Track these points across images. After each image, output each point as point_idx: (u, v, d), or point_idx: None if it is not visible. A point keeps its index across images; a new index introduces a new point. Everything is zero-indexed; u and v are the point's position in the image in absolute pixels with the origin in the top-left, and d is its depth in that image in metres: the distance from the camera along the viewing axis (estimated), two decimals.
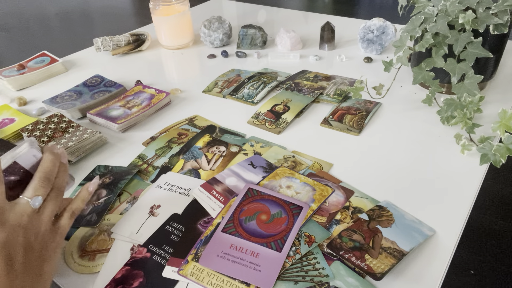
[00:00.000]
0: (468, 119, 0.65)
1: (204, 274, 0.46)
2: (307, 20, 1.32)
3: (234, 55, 1.06)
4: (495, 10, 0.66)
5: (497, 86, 0.85)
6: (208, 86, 0.90)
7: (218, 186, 0.58)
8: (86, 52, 1.14)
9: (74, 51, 1.14)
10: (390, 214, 0.53)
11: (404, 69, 0.87)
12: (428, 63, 0.72)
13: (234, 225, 0.51)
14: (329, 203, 0.55)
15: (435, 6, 0.71)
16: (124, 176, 0.61)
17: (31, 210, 0.42)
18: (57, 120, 0.74)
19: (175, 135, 0.72)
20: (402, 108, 0.78)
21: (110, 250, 0.50)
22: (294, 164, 0.63)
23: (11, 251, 0.38)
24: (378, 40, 0.99)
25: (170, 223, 0.53)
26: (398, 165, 0.63)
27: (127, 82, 0.92)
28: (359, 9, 3.85)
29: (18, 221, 0.40)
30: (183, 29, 1.11)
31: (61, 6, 4.36)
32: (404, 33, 0.74)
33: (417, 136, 0.70)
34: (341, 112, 0.77)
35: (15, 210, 0.41)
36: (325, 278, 0.45)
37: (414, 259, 0.47)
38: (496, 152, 0.58)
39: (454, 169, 0.61)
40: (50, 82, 0.97)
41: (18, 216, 0.41)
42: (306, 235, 0.50)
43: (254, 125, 0.75)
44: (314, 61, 1.00)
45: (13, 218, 0.40)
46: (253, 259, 0.47)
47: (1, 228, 0.39)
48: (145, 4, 1.37)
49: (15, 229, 0.40)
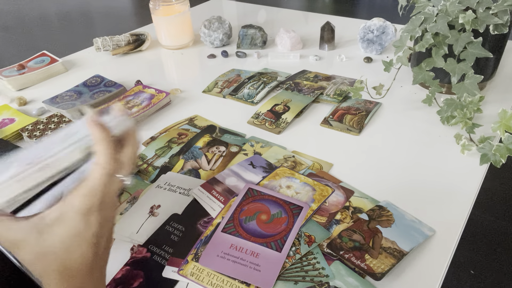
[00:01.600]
0: (468, 119, 0.65)
1: (204, 274, 0.46)
2: (307, 20, 1.32)
3: (234, 55, 1.06)
4: (495, 10, 0.66)
5: (497, 86, 0.85)
6: (208, 86, 0.90)
7: (218, 186, 0.58)
8: (86, 52, 1.14)
9: (74, 51, 1.14)
10: (390, 214, 0.53)
11: (404, 69, 0.87)
12: (428, 63, 0.72)
13: (234, 225, 0.51)
14: (329, 203, 0.55)
15: (435, 6, 0.71)
16: None
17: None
18: (57, 120, 0.74)
19: (175, 135, 0.72)
20: (402, 108, 0.78)
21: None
22: (294, 164, 0.63)
23: (102, 236, 0.36)
24: (378, 40, 0.99)
25: (170, 223, 0.53)
26: (398, 165, 0.63)
27: (127, 82, 0.92)
28: (359, 9, 3.85)
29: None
30: (183, 29, 1.11)
31: (61, 6, 4.36)
32: (404, 33, 0.74)
33: (417, 136, 0.70)
34: (341, 112, 0.77)
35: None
36: (325, 278, 0.45)
37: (414, 259, 0.47)
38: (496, 152, 0.58)
39: (454, 169, 0.61)
40: (50, 82, 0.97)
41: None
42: (306, 235, 0.50)
43: (254, 125, 0.75)
44: (314, 61, 1.00)
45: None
46: (253, 259, 0.47)
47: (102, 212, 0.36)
48: (145, 4, 1.37)
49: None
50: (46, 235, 0.33)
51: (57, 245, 0.33)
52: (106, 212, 0.36)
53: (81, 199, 0.34)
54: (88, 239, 0.35)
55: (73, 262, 0.34)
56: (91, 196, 0.35)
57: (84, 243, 0.34)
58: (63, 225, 0.34)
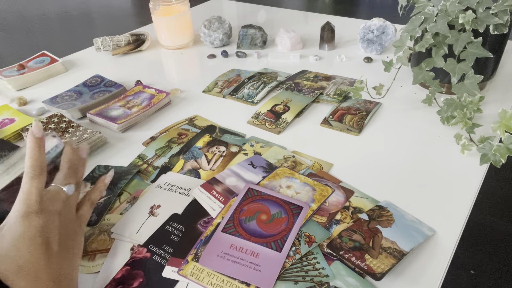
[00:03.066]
0: (468, 119, 0.65)
1: (204, 274, 0.46)
2: (307, 20, 1.32)
3: (234, 55, 1.06)
4: (495, 10, 0.66)
5: (497, 86, 0.85)
6: (208, 86, 0.90)
7: (218, 186, 0.58)
8: (86, 52, 1.14)
9: (74, 51, 1.14)
10: (390, 214, 0.53)
11: (404, 69, 0.87)
12: (428, 63, 0.72)
13: (234, 225, 0.51)
14: (329, 203, 0.55)
15: (435, 6, 0.71)
16: (124, 176, 0.61)
17: (64, 197, 0.45)
18: (57, 120, 0.74)
19: (175, 135, 0.72)
20: (402, 108, 0.78)
21: (110, 250, 0.50)
22: (294, 164, 0.63)
23: (49, 235, 0.41)
24: (378, 40, 0.99)
25: (170, 223, 0.53)
26: (398, 165, 0.63)
27: (127, 82, 0.92)
28: (359, 9, 3.85)
29: (54, 207, 0.43)
30: (183, 29, 1.11)
31: (61, 6, 4.36)
32: (404, 33, 0.74)
33: (417, 136, 0.70)
34: (341, 112, 0.77)
35: (51, 197, 0.44)
36: (325, 278, 0.45)
37: (414, 259, 0.47)
38: (496, 152, 0.58)
39: (454, 169, 0.61)
40: (50, 82, 0.97)
41: (54, 202, 0.44)
42: (306, 235, 0.50)
43: (254, 125, 0.75)
44: (314, 61, 1.00)
45: (50, 204, 0.43)
46: (253, 259, 0.47)
47: (41, 214, 0.41)
48: (145, 4, 1.37)
49: (52, 214, 0.43)
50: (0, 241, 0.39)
51: (9, 247, 0.39)
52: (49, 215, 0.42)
53: (19, 204, 0.41)
54: (33, 238, 0.40)
55: (25, 260, 0.39)
56: (26, 200, 0.41)
57: (30, 242, 0.39)
58: (11, 229, 0.40)
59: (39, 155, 0.43)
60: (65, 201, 0.45)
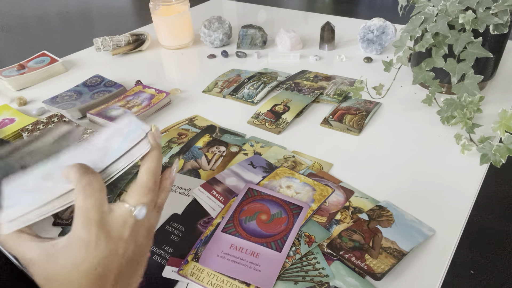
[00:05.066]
0: (468, 119, 0.65)
1: (204, 274, 0.46)
2: (307, 20, 1.32)
3: (234, 55, 1.06)
4: (495, 10, 0.66)
5: (497, 86, 0.85)
6: (208, 86, 0.90)
7: (218, 186, 0.58)
8: (86, 52, 1.14)
9: (74, 51, 1.14)
10: (390, 214, 0.53)
11: (404, 69, 0.87)
12: (428, 63, 0.72)
13: (234, 225, 0.51)
14: (329, 203, 0.55)
15: (435, 6, 0.71)
16: (124, 176, 0.61)
17: (133, 221, 0.35)
18: (57, 120, 0.74)
19: (175, 135, 0.72)
20: (402, 108, 0.78)
21: None
22: (294, 164, 0.63)
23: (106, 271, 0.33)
24: (378, 40, 0.99)
25: (170, 223, 0.53)
26: (398, 165, 0.63)
27: (127, 82, 0.92)
28: (359, 9, 3.85)
29: (119, 232, 0.34)
30: (183, 29, 1.11)
31: (61, 6, 4.36)
32: (404, 33, 0.74)
33: (417, 136, 0.70)
34: (341, 112, 0.77)
35: (116, 219, 0.34)
36: (325, 278, 0.45)
37: (414, 259, 0.47)
38: (496, 152, 0.58)
39: (454, 169, 0.61)
40: (50, 82, 0.97)
41: (120, 227, 0.34)
42: (306, 235, 0.50)
43: (254, 125, 0.75)
44: (314, 61, 1.00)
45: (115, 228, 0.34)
46: (253, 259, 0.47)
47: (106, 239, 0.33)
48: (145, 4, 1.37)
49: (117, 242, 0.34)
50: (51, 262, 0.33)
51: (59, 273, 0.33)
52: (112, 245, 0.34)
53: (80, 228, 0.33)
54: (88, 271, 0.33)
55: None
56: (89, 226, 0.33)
57: (82, 275, 0.33)
58: (66, 254, 0.33)
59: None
60: (134, 226, 0.35)
